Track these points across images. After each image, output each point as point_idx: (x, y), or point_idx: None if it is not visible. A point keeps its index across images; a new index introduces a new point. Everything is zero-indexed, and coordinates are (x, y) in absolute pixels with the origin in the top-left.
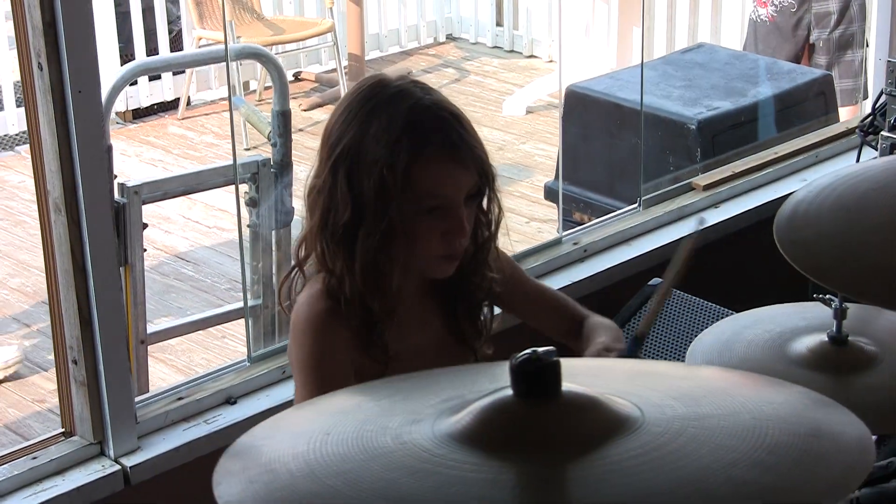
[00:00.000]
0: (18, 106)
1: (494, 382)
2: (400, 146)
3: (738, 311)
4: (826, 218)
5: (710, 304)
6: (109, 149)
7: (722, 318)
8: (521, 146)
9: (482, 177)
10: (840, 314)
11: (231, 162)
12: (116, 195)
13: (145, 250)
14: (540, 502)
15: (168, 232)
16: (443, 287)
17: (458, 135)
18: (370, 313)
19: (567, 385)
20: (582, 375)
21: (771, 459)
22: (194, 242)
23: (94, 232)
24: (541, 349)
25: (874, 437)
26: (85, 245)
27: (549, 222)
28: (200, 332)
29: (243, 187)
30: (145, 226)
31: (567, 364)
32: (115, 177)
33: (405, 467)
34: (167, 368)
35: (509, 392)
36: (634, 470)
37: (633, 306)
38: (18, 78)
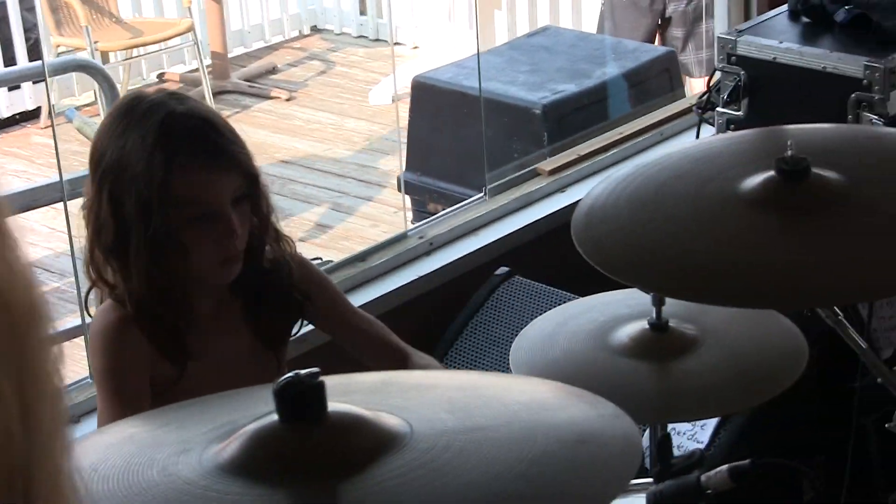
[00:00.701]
0: None
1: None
2: (154, 160)
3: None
4: (623, 211)
5: (552, 289)
6: None
7: (564, 302)
8: (387, 136)
9: (246, 178)
10: (658, 300)
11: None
12: None
13: None
14: None
15: (33, 244)
16: (243, 292)
17: (212, 140)
18: (160, 322)
19: (333, 406)
20: (359, 392)
21: (533, 470)
22: (59, 252)
23: None
24: (304, 371)
25: (717, 420)
26: None
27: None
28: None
29: (79, 201)
30: None
31: (343, 382)
32: None
33: (167, 501)
34: None
35: (274, 417)
36: (400, 488)
37: (481, 297)
38: None
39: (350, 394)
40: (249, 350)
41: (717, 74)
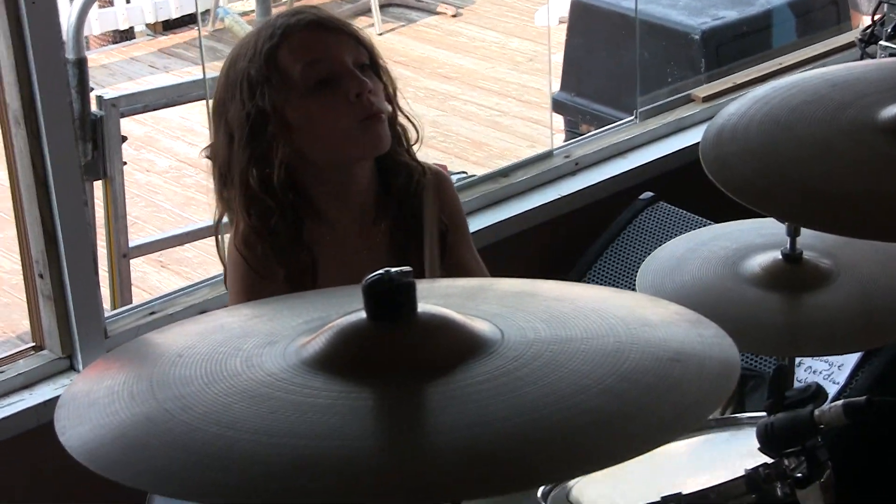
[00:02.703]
0: None
1: None
2: (261, 46)
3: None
4: (754, 132)
5: (696, 217)
6: (82, 62)
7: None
8: (553, 57)
9: (362, 45)
10: (794, 231)
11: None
12: (94, 108)
13: (125, 163)
14: (377, 426)
15: (191, 144)
16: (389, 214)
17: (320, 16)
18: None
19: (423, 307)
20: (456, 297)
21: (622, 386)
22: None
23: (56, 145)
24: (395, 269)
25: (855, 362)
26: (46, 159)
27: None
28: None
29: None
30: (124, 139)
31: (442, 284)
32: (93, 89)
33: (244, 391)
34: (183, 281)
35: (363, 314)
36: (484, 394)
37: (623, 221)
38: None
39: (447, 297)
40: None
41: (884, 7)
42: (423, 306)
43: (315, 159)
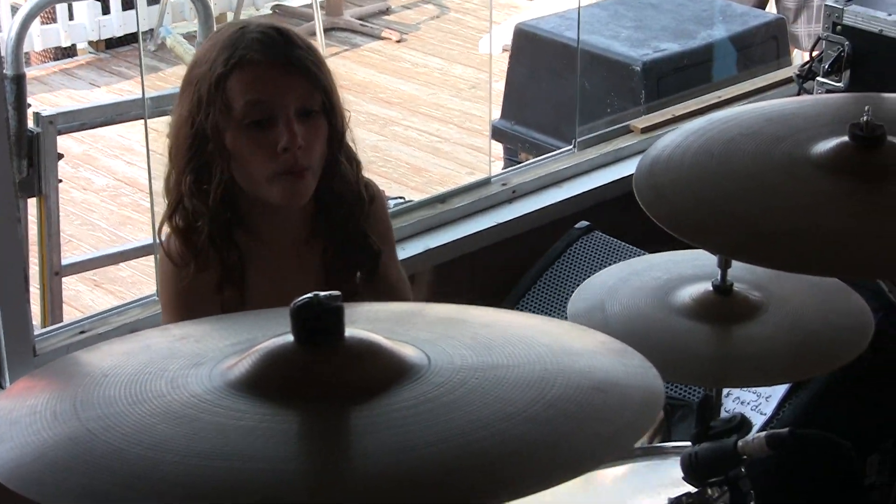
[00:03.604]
0: None
1: None
2: (217, 60)
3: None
4: (688, 164)
5: (631, 247)
6: (20, 78)
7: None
8: (494, 85)
9: (315, 87)
10: (724, 263)
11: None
12: (31, 125)
13: (60, 181)
14: (301, 450)
15: (129, 163)
16: (323, 231)
17: (279, 45)
18: (205, 235)
19: (351, 331)
20: (384, 321)
21: (546, 414)
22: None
23: None
24: (323, 293)
25: (783, 393)
26: None
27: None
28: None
29: (167, 119)
30: (60, 156)
31: (370, 310)
32: (30, 106)
33: (168, 413)
34: (115, 300)
35: (290, 337)
36: (409, 420)
37: (558, 249)
38: None
39: (375, 321)
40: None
41: (822, 44)
42: (350, 331)
43: (244, 188)
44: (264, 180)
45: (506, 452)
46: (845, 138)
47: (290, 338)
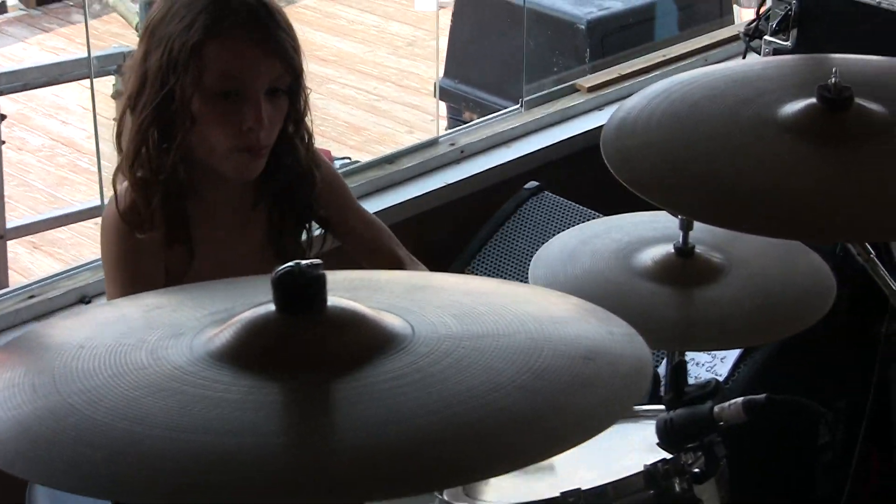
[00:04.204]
0: None
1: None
2: (195, 22)
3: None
4: (654, 126)
5: (581, 207)
6: None
7: (589, 220)
8: (431, 42)
9: (288, 70)
10: (686, 224)
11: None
12: None
13: (3, 142)
14: (287, 422)
15: (65, 122)
16: (267, 197)
17: (259, 19)
18: (160, 198)
19: (333, 300)
20: (362, 289)
21: (535, 384)
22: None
23: None
24: (305, 261)
25: (737, 355)
26: None
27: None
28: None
29: (110, 79)
30: (3, 117)
31: (348, 277)
32: None
33: (151, 385)
34: (56, 263)
35: (272, 307)
36: (394, 391)
37: (508, 210)
38: None
39: (355, 290)
40: (261, 258)
41: (768, 2)
42: (332, 299)
43: (196, 152)
44: (222, 151)
45: (495, 424)
46: (813, 100)
47: (271, 307)
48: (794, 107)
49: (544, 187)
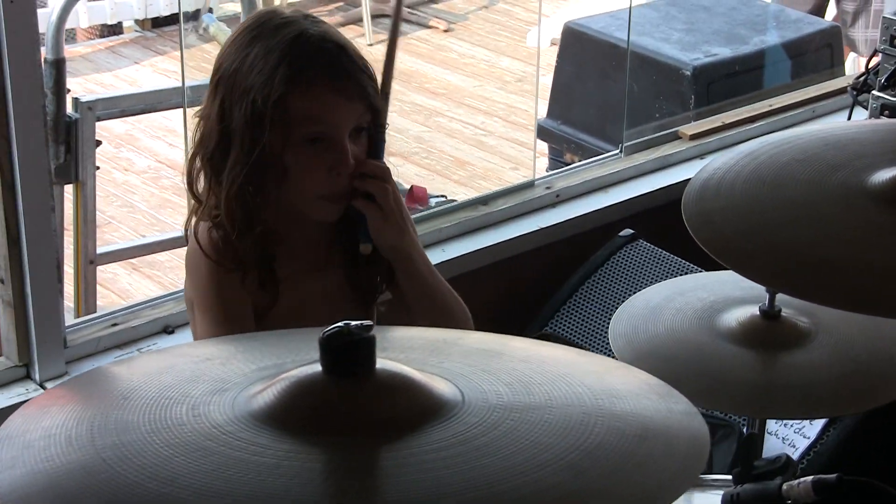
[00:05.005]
0: None
1: None
2: (276, 73)
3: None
4: (739, 189)
5: (675, 257)
6: (59, 62)
7: (686, 273)
8: (541, 79)
9: (369, 109)
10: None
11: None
12: (69, 110)
13: (98, 168)
14: (324, 492)
15: (172, 145)
16: (344, 235)
17: (340, 65)
18: (247, 245)
19: (382, 363)
20: (417, 350)
21: (585, 463)
22: None
23: (26, 148)
24: (355, 322)
25: (825, 421)
26: (14, 161)
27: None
28: None
29: None
30: (98, 143)
31: (402, 336)
32: (69, 91)
33: (188, 444)
34: (154, 286)
35: (318, 367)
36: (439, 462)
37: (601, 257)
38: None
39: (407, 350)
40: (338, 295)
41: (878, 56)
42: (382, 363)
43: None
44: (312, 196)
45: (541, 502)
46: None
47: (318, 367)
48: (885, 175)
49: (639, 235)
